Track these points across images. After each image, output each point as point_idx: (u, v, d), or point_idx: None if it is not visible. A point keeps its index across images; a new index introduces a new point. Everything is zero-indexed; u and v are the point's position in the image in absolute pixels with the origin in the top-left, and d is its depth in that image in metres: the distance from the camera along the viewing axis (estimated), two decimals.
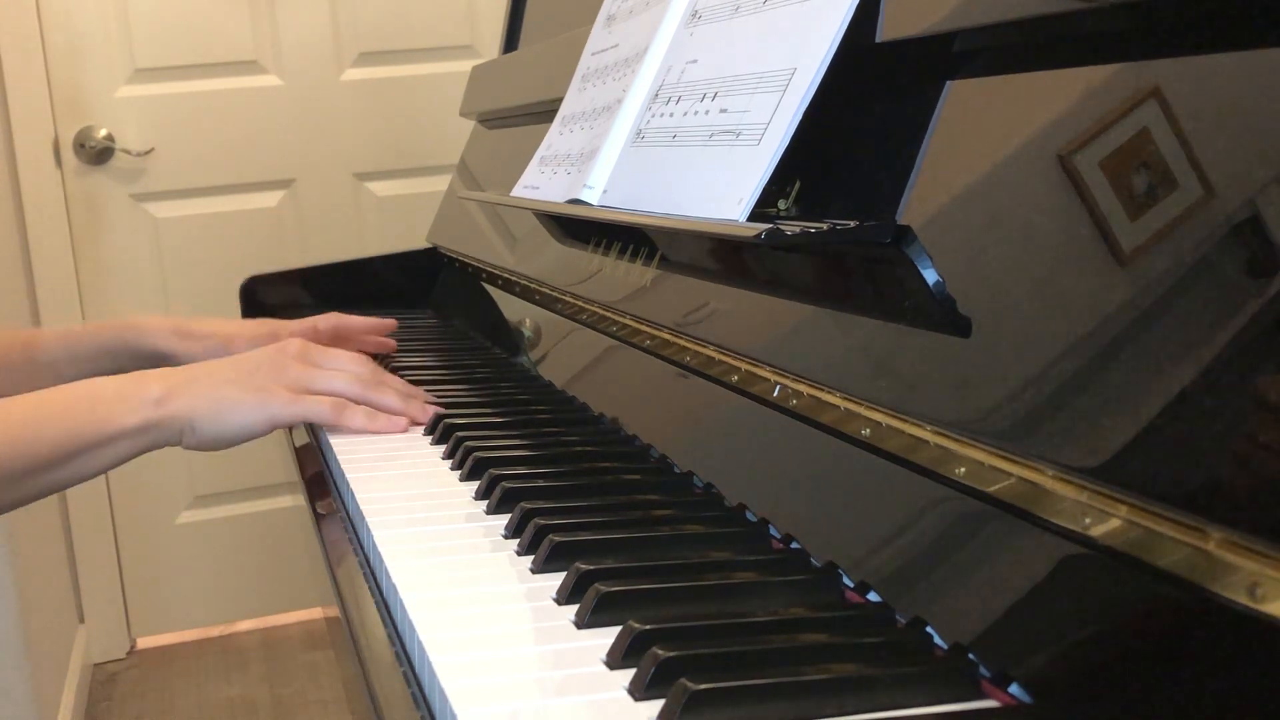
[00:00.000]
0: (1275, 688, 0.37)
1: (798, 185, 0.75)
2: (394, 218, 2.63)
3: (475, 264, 1.42)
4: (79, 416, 0.85)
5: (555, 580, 0.60)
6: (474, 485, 0.78)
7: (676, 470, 0.77)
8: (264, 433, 0.91)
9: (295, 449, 1.03)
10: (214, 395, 0.89)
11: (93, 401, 0.86)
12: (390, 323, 1.22)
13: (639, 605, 0.55)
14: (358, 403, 0.94)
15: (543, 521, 0.66)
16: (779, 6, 0.77)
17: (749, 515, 0.68)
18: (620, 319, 0.94)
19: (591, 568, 0.59)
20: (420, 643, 0.54)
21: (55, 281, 2.43)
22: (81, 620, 2.54)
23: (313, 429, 1.02)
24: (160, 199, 2.50)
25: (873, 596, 0.56)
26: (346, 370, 0.96)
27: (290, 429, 1.09)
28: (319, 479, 0.92)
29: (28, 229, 2.41)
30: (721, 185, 0.75)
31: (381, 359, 1.19)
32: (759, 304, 0.76)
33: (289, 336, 1.15)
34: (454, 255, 1.53)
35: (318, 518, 0.85)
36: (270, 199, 2.58)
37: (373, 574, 0.68)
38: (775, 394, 0.69)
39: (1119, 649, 0.43)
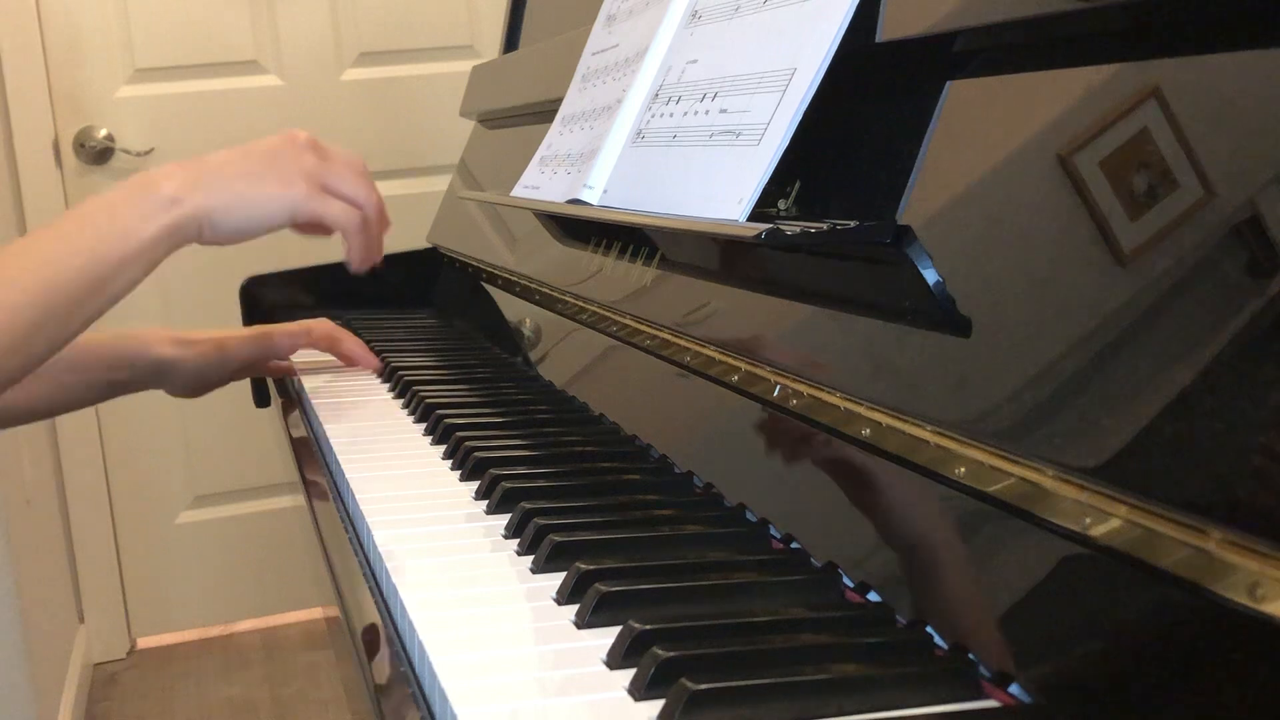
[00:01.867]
0: (1275, 688, 0.37)
1: (798, 185, 0.75)
2: (394, 218, 2.60)
3: (475, 264, 1.42)
4: (99, 236, 0.81)
5: (555, 580, 0.60)
6: (474, 485, 0.78)
7: (676, 470, 0.77)
8: (284, 225, 0.88)
9: (294, 449, 1.03)
10: (230, 186, 0.86)
11: (106, 217, 0.82)
12: (377, 364, 1.20)
13: (639, 605, 0.55)
14: (366, 215, 0.91)
15: (543, 521, 0.66)
16: (779, 6, 0.77)
17: (749, 515, 0.68)
18: (620, 319, 0.94)
19: (591, 568, 0.59)
20: (420, 643, 0.54)
21: None
22: (81, 620, 2.54)
23: (312, 427, 1.02)
24: None
25: (873, 596, 0.56)
26: (358, 174, 0.92)
27: (289, 429, 1.09)
28: (318, 478, 0.92)
29: (28, 229, 2.41)
30: (721, 185, 0.75)
31: (381, 358, 1.19)
32: (759, 304, 0.76)
33: (280, 337, 1.16)
34: (454, 255, 1.53)
35: (317, 517, 0.85)
36: None
37: (373, 574, 0.68)
38: (775, 394, 0.69)
39: (1119, 649, 0.43)
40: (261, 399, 1.31)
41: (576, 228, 1.10)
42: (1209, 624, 0.40)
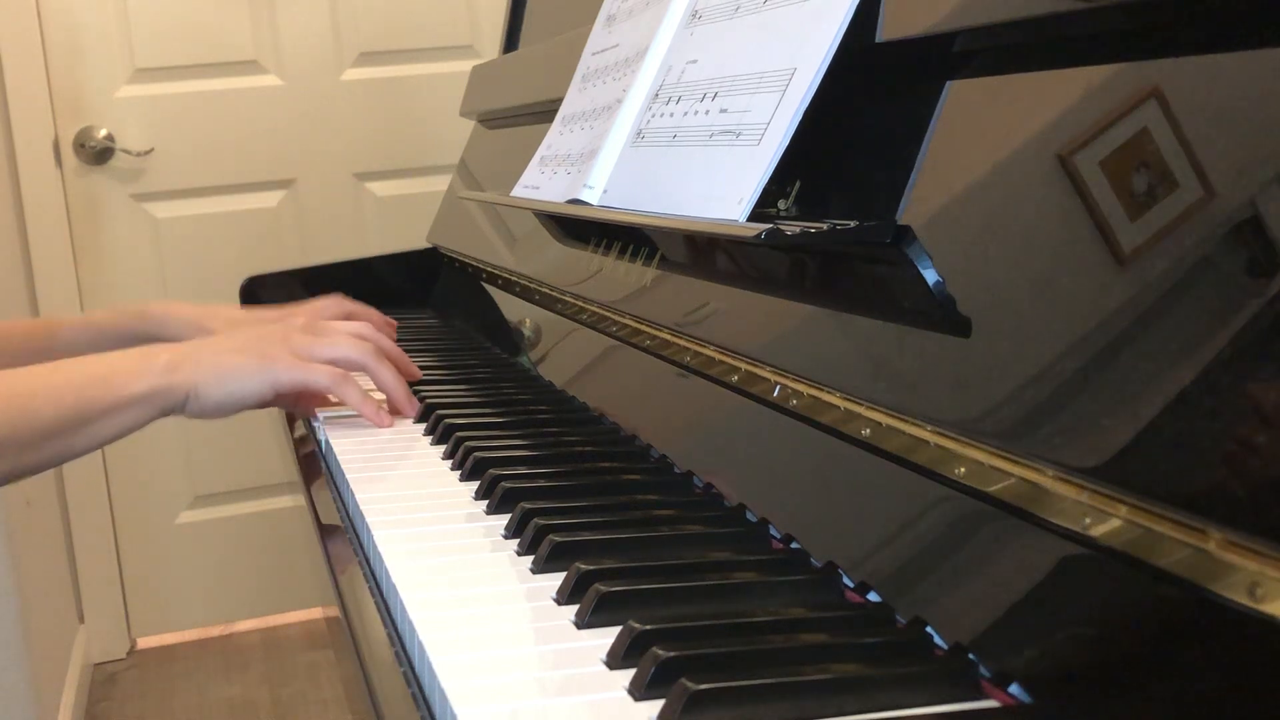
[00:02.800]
0: (1275, 688, 0.37)
1: (798, 185, 0.75)
2: (394, 218, 2.63)
3: (475, 264, 1.42)
4: (91, 384, 0.87)
5: (555, 580, 0.60)
6: (474, 485, 0.78)
7: (676, 470, 0.77)
8: (266, 397, 0.93)
9: (295, 449, 1.03)
10: (218, 361, 0.91)
11: (104, 371, 0.89)
12: (391, 323, 1.22)
13: (639, 605, 0.55)
14: (360, 368, 0.96)
15: (543, 521, 0.66)
16: (779, 6, 0.77)
17: (749, 515, 0.68)
18: (620, 319, 0.94)
19: (591, 568, 0.59)
20: (420, 643, 0.54)
21: (55, 281, 2.43)
22: (81, 620, 2.54)
23: (312, 426, 1.02)
24: (160, 199, 2.50)
25: (873, 596, 0.56)
26: (351, 337, 0.97)
27: (290, 428, 1.09)
28: (318, 478, 0.92)
29: (28, 229, 2.41)
30: (721, 185, 0.75)
31: None
32: (759, 304, 0.76)
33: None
34: (454, 255, 1.53)
35: (318, 518, 0.85)
36: (270, 199, 2.57)
37: (373, 574, 0.68)
38: (775, 394, 0.69)
39: (1119, 649, 0.43)
40: None
41: (576, 228, 1.10)
42: (1209, 624, 0.40)
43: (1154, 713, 0.40)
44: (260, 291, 1.53)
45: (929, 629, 0.51)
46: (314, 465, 0.96)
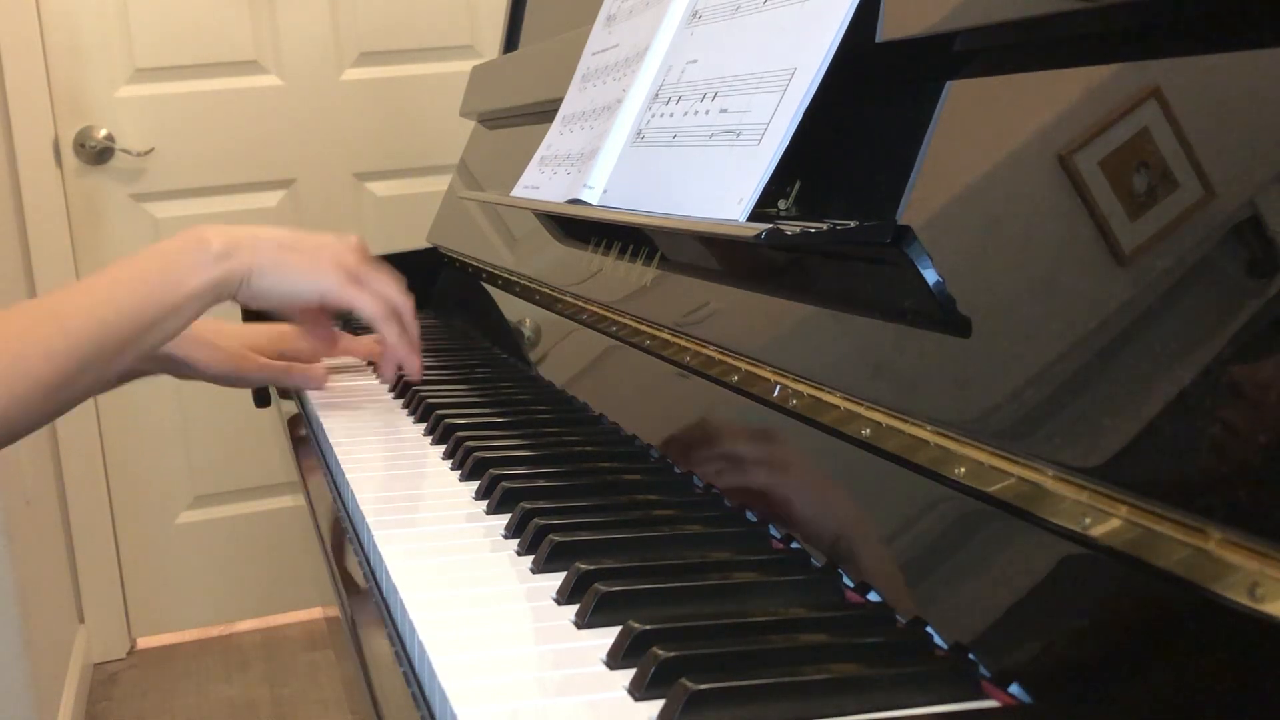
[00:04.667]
0: (1275, 688, 0.37)
1: (798, 185, 0.75)
2: (394, 218, 2.63)
3: (475, 264, 1.42)
4: (153, 284, 0.88)
5: (555, 580, 0.60)
6: (474, 485, 0.78)
7: (676, 470, 0.77)
8: (312, 302, 0.95)
9: (295, 449, 1.03)
10: (274, 254, 0.93)
11: (163, 266, 0.89)
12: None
13: (639, 605, 0.55)
14: (396, 314, 0.98)
15: (543, 521, 0.66)
16: (779, 6, 0.77)
17: (749, 515, 0.68)
18: (620, 319, 0.94)
19: (591, 568, 0.59)
20: (420, 643, 0.54)
21: (55, 281, 2.43)
22: (81, 620, 2.54)
23: (312, 427, 1.02)
24: (160, 199, 2.50)
25: (873, 596, 0.56)
26: (397, 285, 1.00)
27: (290, 428, 1.09)
28: (319, 479, 0.92)
29: (28, 229, 2.41)
30: (721, 185, 0.75)
31: None
32: (759, 304, 0.76)
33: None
34: (454, 255, 1.53)
35: (317, 517, 0.85)
36: (270, 199, 2.57)
37: (373, 574, 0.68)
38: (775, 394, 0.69)
39: (1119, 649, 0.43)
40: (261, 399, 1.31)
41: (576, 228, 1.10)
42: (1209, 624, 0.40)
43: (1154, 713, 0.40)
44: None
45: (929, 629, 0.51)
46: (314, 465, 0.96)
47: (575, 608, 0.56)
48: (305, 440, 1.03)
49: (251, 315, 1.51)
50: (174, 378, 1.10)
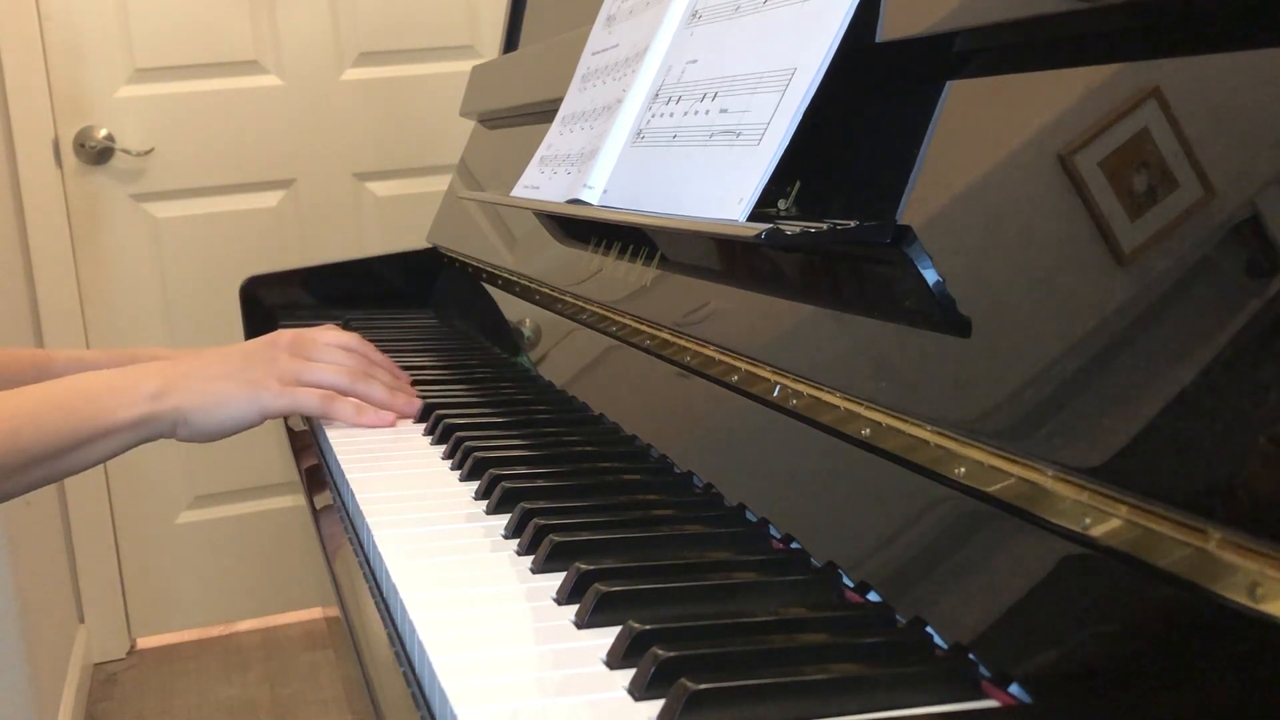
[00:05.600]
0: (1275, 688, 0.37)
1: (798, 185, 0.75)
2: (394, 218, 2.63)
3: (475, 264, 1.42)
4: (77, 410, 0.87)
5: (555, 580, 0.60)
6: (474, 485, 0.78)
7: (676, 470, 0.77)
8: (255, 423, 0.94)
9: (294, 448, 1.03)
10: (206, 389, 0.91)
11: (90, 396, 0.89)
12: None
13: (639, 605, 0.55)
14: (346, 394, 0.96)
15: (543, 521, 0.66)
16: (779, 6, 0.77)
17: (749, 515, 0.68)
18: (620, 319, 0.94)
19: (591, 568, 0.59)
20: (420, 643, 0.54)
21: (55, 281, 2.43)
22: (81, 620, 2.54)
23: (312, 426, 1.02)
24: (160, 199, 2.50)
25: (873, 596, 0.56)
26: (336, 363, 0.98)
27: (289, 428, 1.09)
28: (318, 478, 0.92)
29: (28, 229, 2.41)
30: (721, 185, 0.75)
31: None
32: (759, 304, 0.76)
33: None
34: (454, 255, 1.53)
35: (317, 517, 0.85)
36: (270, 199, 2.58)
37: (373, 574, 0.68)
38: (775, 394, 0.69)
39: (1119, 649, 0.43)
40: None
41: (576, 228, 1.10)
42: (1209, 624, 0.40)
43: (1154, 713, 0.40)
44: (260, 292, 1.53)
45: (929, 629, 0.51)
46: (314, 465, 0.96)
47: (575, 608, 0.56)
48: (305, 440, 1.03)
49: (252, 314, 1.51)
50: None
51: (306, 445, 1.02)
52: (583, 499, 0.72)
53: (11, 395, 0.88)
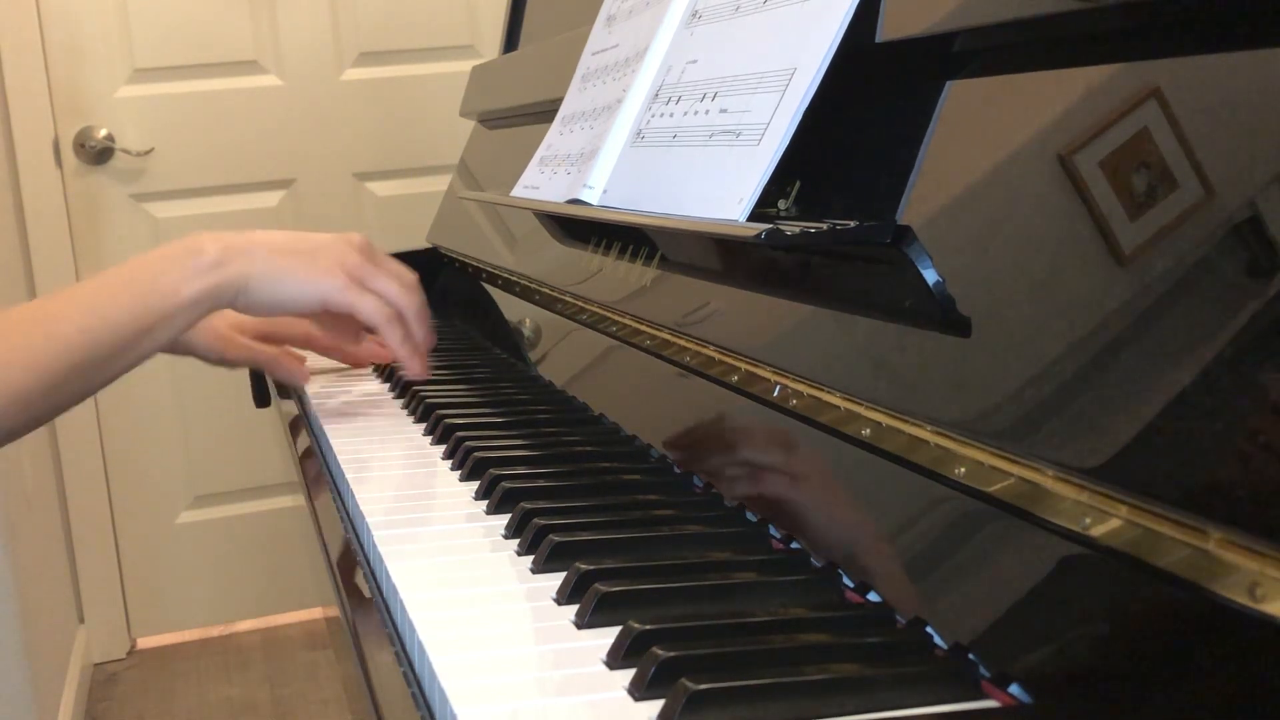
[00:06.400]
0: (1275, 688, 0.37)
1: (798, 185, 0.75)
2: (394, 218, 2.63)
3: (475, 264, 1.42)
4: (143, 292, 0.85)
5: (555, 580, 0.60)
6: (474, 485, 0.78)
7: (676, 470, 0.77)
8: (313, 308, 0.92)
9: (295, 449, 1.03)
10: (271, 261, 0.90)
11: (152, 275, 0.87)
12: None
13: (639, 605, 0.55)
14: (401, 314, 0.94)
15: (543, 521, 0.66)
16: (779, 6, 0.77)
17: (749, 515, 0.68)
18: (620, 319, 0.94)
19: (591, 568, 0.59)
20: (420, 643, 0.54)
21: (55, 281, 2.43)
22: (81, 620, 2.54)
23: (313, 427, 1.02)
24: (160, 199, 2.50)
25: (873, 596, 0.56)
26: (401, 281, 0.96)
27: (290, 430, 1.09)
28: (318, 478, 0.92)
29: (28, 229, 2.41)
30: (721, 185, 0.75)
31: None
32: (759, 304, 0.76)
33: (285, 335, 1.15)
34: (454, 255, 1.53)
35: (317, 517, 0.85)
36: (270, 199, 2.58)
37: (373, 574, 0.68)
38: (775, 394, 0.69)
39: (1119, 649, 0.43)
40: (261, 399, 1.31)
41: (576, 228, 1.10)
42: (1209, 624, 0.40)
43: (1154, 713, 0.40)
44: None
45: (929, 629, 0.51)
46: (314, 466, 0.96)
47: (575, 608, 0.56)
48: (305, 441, 1.03)
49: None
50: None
51: (306, 445, 1.02)
52: (583, 499, 0.72)
53: (67, 295, 0.85)
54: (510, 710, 0.48)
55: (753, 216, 0.72)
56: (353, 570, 0.71)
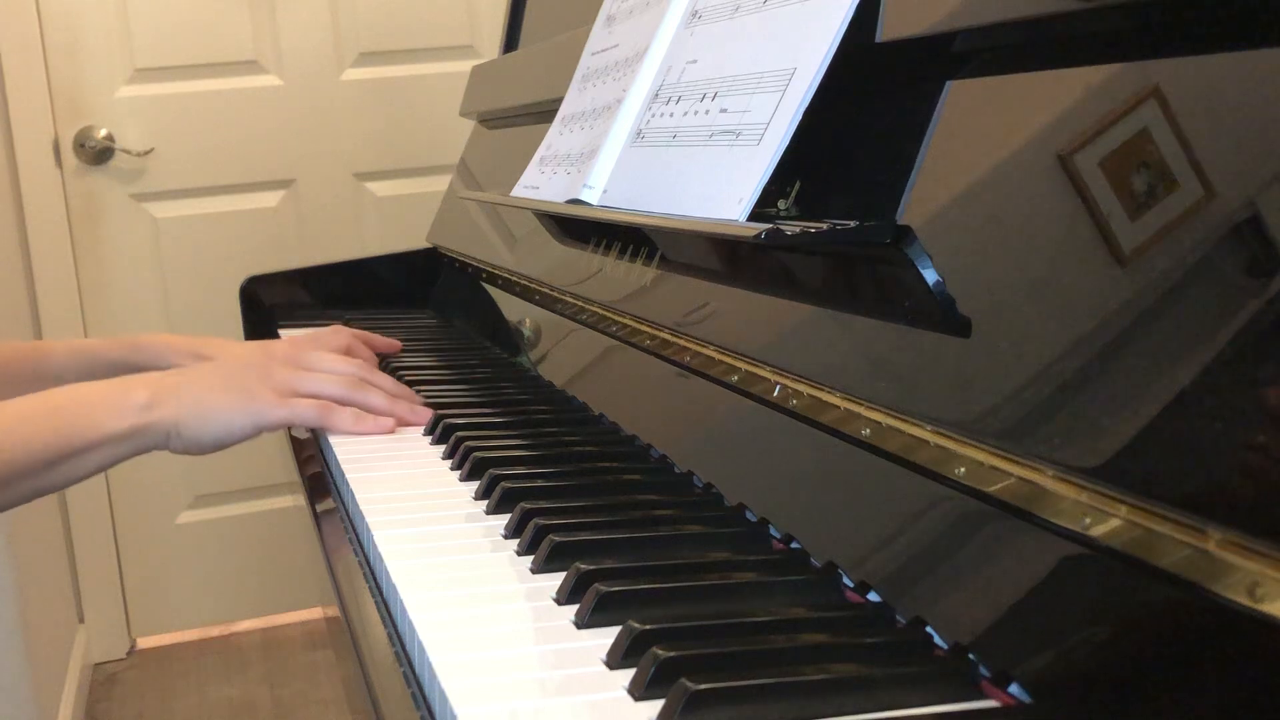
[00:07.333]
0: (1275, 688, 0.37)
1: (798, 185, 0.75)
2: (394, 218, 2.63)
3: (475, 264, 1.42)
4: (66, 422, 0.85)
5: (555, 580, 0.60)
6: (474, 485, 0.78)
7: (676, 470, 0.77)
8: (250, 436, 0.92)
9: (295, 449, 1.03)
10: (199, 400, 0.89)
11: (80, 407, 0.87)
12: (394, 344, 1.21)
13: (639, 605, 0.55)
14: (344, 404, 0.94)
15: (543, 521, 0.66)
16: (779, 6, 0.77)
17: (749, 515, 0.68)
18: (620, 319, 0.94)
19: (591, 568, 0.59)
20: (420, 643, 0.54)
21: (55, 281, 2.43)
22: (81, 620, 2.54)
23: (313, 429, 1.02)
24: (160, 199, 2.50)
25: (873, 596, 0.56)
26: (333, 371, 0.96)
27: (292, 436, 1.09)
28: (319, 479, 0.92)
29: (28, 229, 2.41)
30: (721, 185, 0.75)
31: (382, 359, 1.19)
32: (759, 304, 0.76)
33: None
34: (454, 255, 1.53)
35: (317, 518, 0.85)
36: (270, 199, 2.58)
37: (373, 574, 0.68)
38: (775, 394, 0.69)
39: (1119, 649, 0.43)
40: None
41: (576, 228, 1.10)
42: (1209, 624, 0.40)
43: (1154, 713, 0.40)
44: (260, 292, 1.53)
45: (929, 629, 0.51)
46: (314, 466, 0.96)
47: (575, 608, 0.56)
48: (305, 441, 1.03)
49: (252, 313, 1.51)
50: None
51: (307, 446, 1.02)
52: (583, 499, 0.72)
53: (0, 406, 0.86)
54: (510, 710, 0.48)
55: (753, 216, 0.72)
56: (352, 570, 0.71)
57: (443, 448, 0.88)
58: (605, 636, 0.53)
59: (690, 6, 0.92)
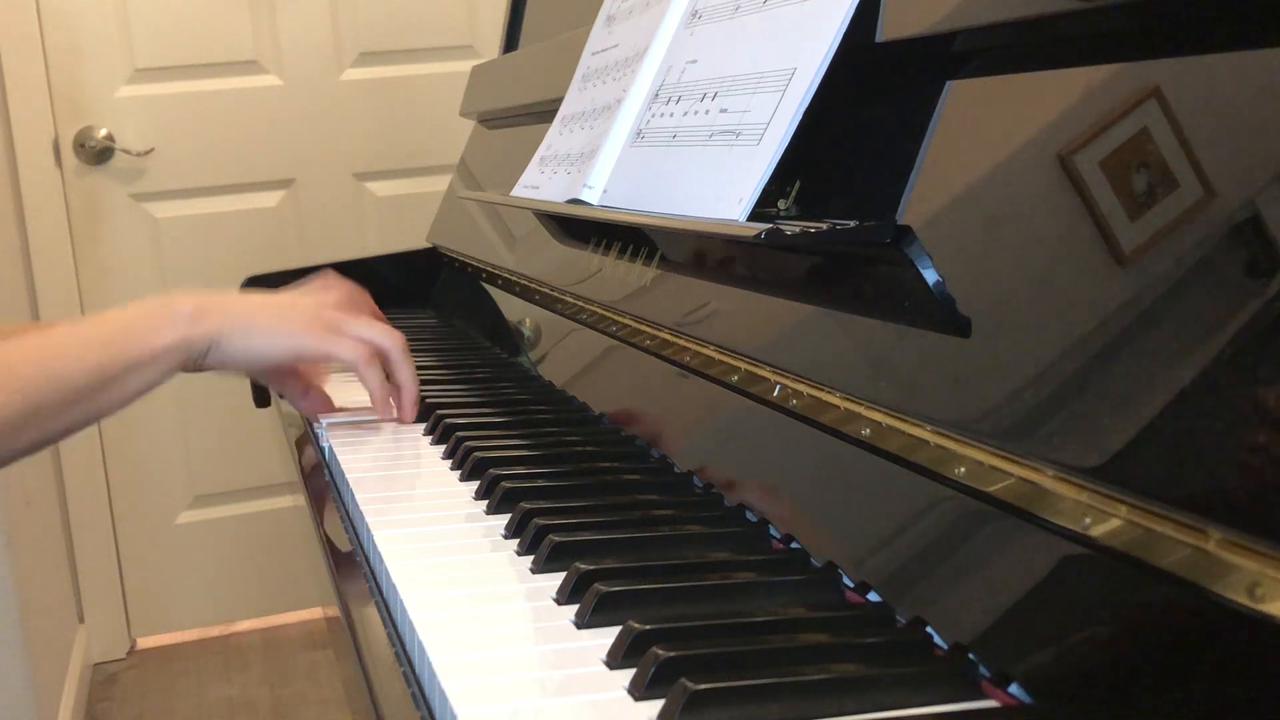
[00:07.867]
0: (1275, 688, 0.37)
1: (798, 185, 0.75)
2: (394, 218, 2.63)
3: (475, 264, 1.42)
4: (114, 339, 0.85)
5: (555, 580, 0.60)
6: (474, 485, 0.78)
7: (676, 470, 0.77)
8: (288, 361, 0.92)
9: (295, 450, 1.03)
10: (247, 314, 0.90)
11: (126, 323, 0.86)
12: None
13: (639, 605, 0.55)
14: (385, 356, 0.94)
15: (543, 521, 0.66)
16: (779, 6, 0.77)
17: (749, 515, 0.68)
18: (620, 319, 0.94)
19: (591, 568, 0.59)
20: (420, 643, 0.54)
21: (55, 281, 2.43)
22: (81, 620, 2.54)
23: (310, 427, 1.02)
24: (160, 199, 2.50)
25: (873, 596, 0.56)
26: (381, 327, 0.96)
27: (290, 430, 1.09)
28: (319, 479, 0.92)
29: (28, 229, 2.41)
30: (721, 185, 0.75)
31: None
32: (759, 304, 0.76)
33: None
34: (454, 255, 1.53)
35: (318, 517, 0.85)
36: (270, 199, 2.58)
37: (373, 574, 0.68)
38: (775, 394, 0.69)
39: (1119, 649, 0.43)
40: (261, 399, 1.31)
41: (576, 228, 1.10)
42: (1208, 624, 0.40)
43: (1154, 712, 0.40)
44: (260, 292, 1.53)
45: (929, 629, 0.51)
46: (314, 466, 0.95)
47: (575, 608, 0.56)
48: (305, 441, 1.03)
49: None
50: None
51: (306, 446, 1.02)
52: (583, 499, 0.72)
53: (44, 333, 0.85)
54: (510, 710, 0.48)
55: (753, 216, 0.72)
56: (353, 570, 0.71)
57: (443, 448, 0.88)
58: (605, 636, 0.53)
59: (690, 6, 0.92)
